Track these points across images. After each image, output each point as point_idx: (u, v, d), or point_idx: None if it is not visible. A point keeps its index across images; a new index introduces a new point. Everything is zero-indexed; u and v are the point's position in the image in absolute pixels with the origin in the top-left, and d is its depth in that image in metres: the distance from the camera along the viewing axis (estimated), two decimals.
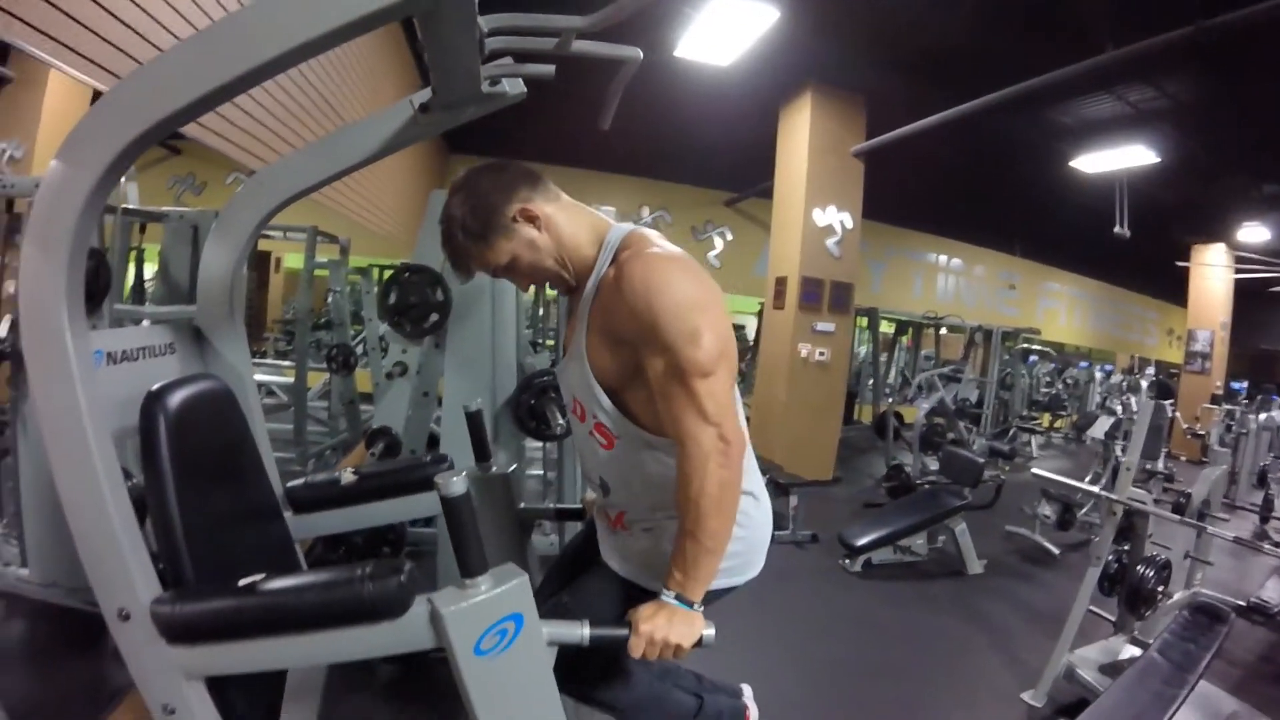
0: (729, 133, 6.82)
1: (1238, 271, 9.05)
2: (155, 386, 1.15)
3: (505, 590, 0.97)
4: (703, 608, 1.10)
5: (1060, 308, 11.53)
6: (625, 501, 1.26)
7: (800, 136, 5.96)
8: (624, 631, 1.07)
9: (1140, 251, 7.69)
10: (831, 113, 5.93)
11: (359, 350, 5.04)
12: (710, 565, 1.08)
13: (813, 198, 5.89)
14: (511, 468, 1.54)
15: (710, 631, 1.10)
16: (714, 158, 7.67)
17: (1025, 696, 2.76)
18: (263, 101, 2.58)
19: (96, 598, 1.04)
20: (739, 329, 13.16)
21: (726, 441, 1.05)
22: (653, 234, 1.19)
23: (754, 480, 1.28)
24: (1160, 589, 2.80)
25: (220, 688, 1.10)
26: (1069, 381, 9.19)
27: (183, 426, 1.13)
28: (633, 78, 1.32)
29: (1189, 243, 9.35)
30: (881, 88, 5.75)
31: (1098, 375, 8.87)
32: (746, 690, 1.70)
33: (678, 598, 1.08)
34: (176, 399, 1.15)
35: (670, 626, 1.06)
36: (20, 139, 4.12)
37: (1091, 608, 2.78)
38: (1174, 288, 10.10)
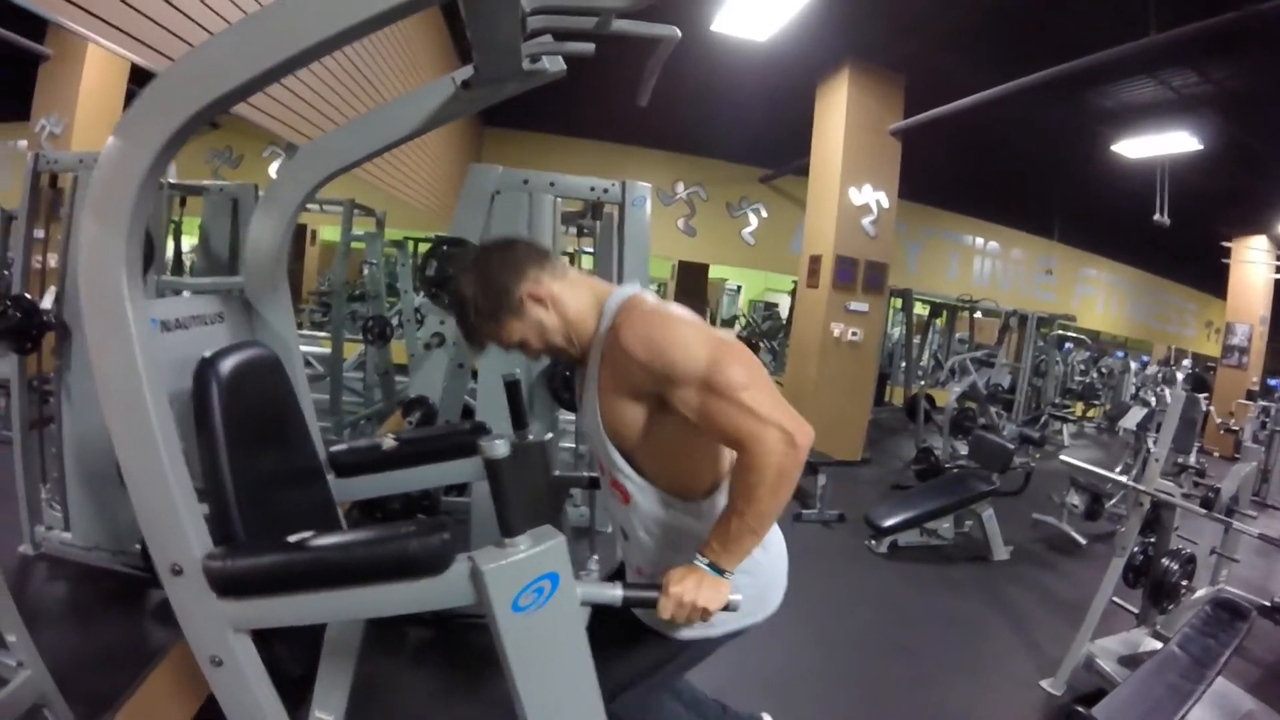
0: (765, 109, 6.75)
1: (1279, 268, 8.78)
2: (208, 353, 1.20)
3: (543, 550, 1.01)
4: (731, 576, 1.14)
5: (1098, 295, 11.26)
6: (641, 556, 1.32)
7: (837, 114, 5.88)
8: (654, 594, 1.11)
9: (1181, 240, 7.50)
10: (869, 90, 5.84)
11: (395, 322, 5.12)
12: (749, 543, 1.12)
13: (849, 176, 5.82)
14: (547, 436, 1.59)
15: (737, 597, 1.13)
16: (750, 134, 7.58)
17: (1044, 684, 2.78)
18: (302, 77, 2.62)
19: (150, 553, 1.09)
20: (772, 307, 13.06)
21: (789, 433, 1.07)
22: (648, 295, 1.24)
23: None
24: (1184, 583, 2.78)
25: (265, 640, 1.15)
26: (1104, 371, 9.00)
27: (233, 391, 1.18)
28: (669, 52, 1.33)
29: (1230, 233, 9.08)
30: (920, 66, 5.64)
31: (1133, 366, 8.67)
32: (766, 719, 1.77)
33: (710, 565, 1.12)
34: (228, 365, 1.20)
35: (699, 590, 1.10)
36: (59, 115, 4.22)
37: (1115, 599, 2.78)
38: (1214, 279, 9.81)
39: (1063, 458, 3.45)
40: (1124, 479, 3.05)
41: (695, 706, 1.57)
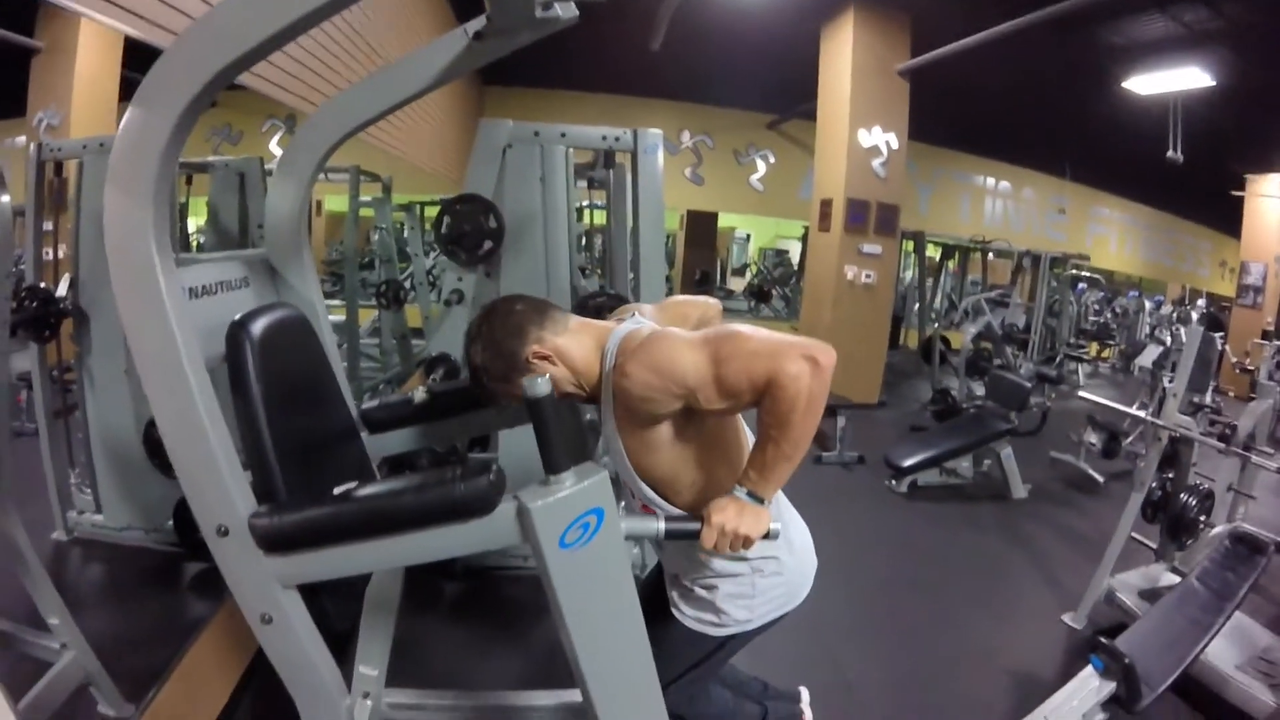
0: (770, 54, 6.60)
1: None
2: (238, 315, 1.21)
3: (588, 485, 1.03)
4: (771, 505, 1.17)
5: (1111, 234, 11.09)
6: (678, 565, 1.40)
7: (843, 56, 5.77)
8: (697, 525, 1.14)
9: (1194, 179, 7.35)
10: (875, 30, 5.72)
11: (407, 285, 5.13)
12: (785, 470, 1.15)
13: (857, 118, 5.75)
14: None
15: (777, 526, 1.17)
16: (755, 80, 7.46)
17: (1065, 618, 2.83)
18: (301, 43, 2.57)
19: (195, 517, 1.12)
20: (783, 254, 12.96)
21: (811, 357, 1.09)
22: (641, 326, 1.27)
23: (789, 524, 1.38)
24: (1202, 518, 2.80)
25: (312, 596, 1.19)
26: (1118, 311, 8.92)
27: (266, 352, 1.19)
28: None
29: (1245, 172, 8.88)
30: (926, 4, 5.50)
31: (1147, 305, 8.59)
32: (804, 694, 1.85)
33: (749, 494, 1.15)
34: (259, 326, 1.21)
35: (740, 519, 1.13)
36: (55, 107, 4.18)
37: (1134, 535, 2.80)
38: (1229, 218, 9.62)
39: (1081, 393, 3.46)
40: (1142, 414, 3.05)
41: (738, 688, 1.65)
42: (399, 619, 1.68)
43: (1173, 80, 5.66)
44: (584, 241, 5.51)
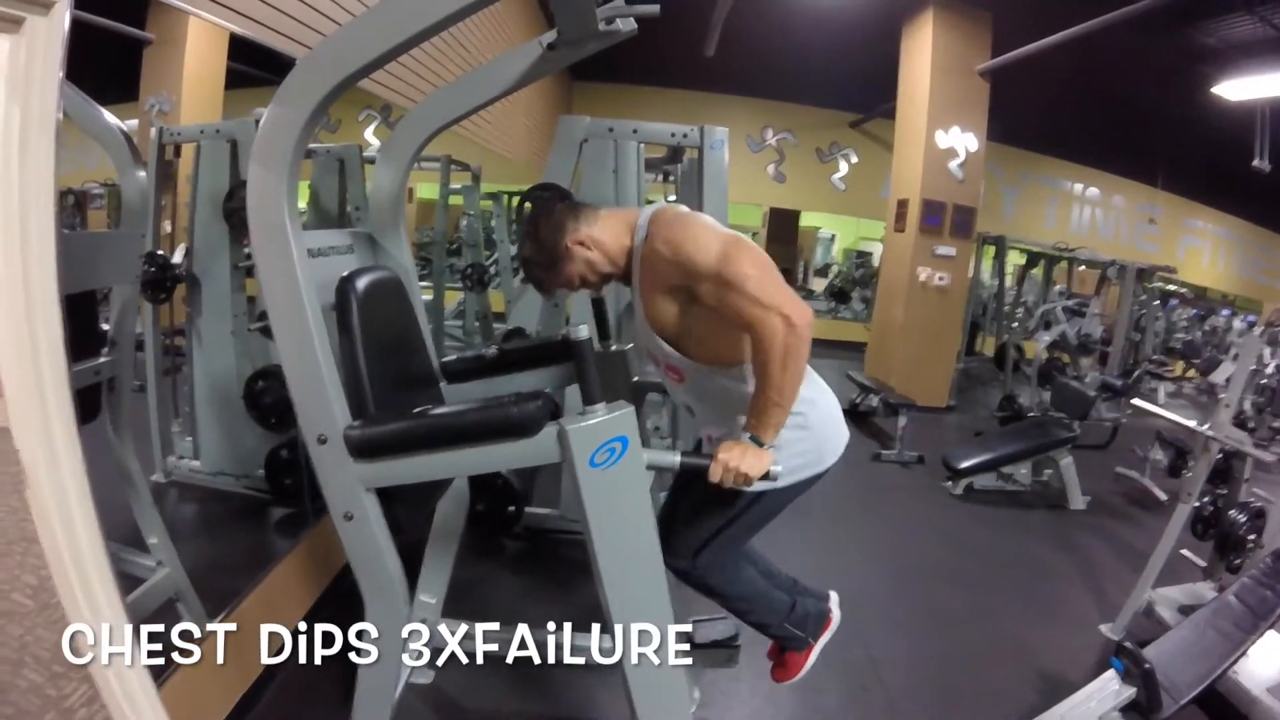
0: (852, 52, 6.61)
1: None
2: (346, 272, 1.47)
3: (616, 416, 1.25)
4: (772, 449, 1.36)
5: (1204, 247, 10.45)
6: (709, 418, 1.59)
7: (923, 55, 5.78)
8: (706, 461, 1.34)
9: None
10: (955, 29, 5.70)
11: (491, 270, 5.45)
12: (778, 415, 1.34)
13: (935, 118, 5.74)
14: (629, 346, 1.83)
15: (778, 468, 1.36)
16: (838, 78, 7.48)
17: (1103, 628, 2.79)
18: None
19: (301, 427, 1.36)
20: (865, 255, 12.79)
21: (787, 316, 1.27)
22: (677, 206, 1.49)
23: (810, 386, 1.52)
24: (1252, 537, 2.72)
25: (388, 502, 1.42)
26: (1208, 330, 8.47)
27: (367, 303, 1.44)
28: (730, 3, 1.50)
29: None
30: (1007, 3, 5.45)
31: (1236, 325, 8.12)
32: (833, 596, 1.94)
33: (751, 438, 1.35)
34: (363, 282, 1.47)
35: (743, 459, 1.32)
36: (167, 94, 4.59)
37: (1185, 552, 2.78)
38: None
39: (1136, 400, 3.42)
40: (1191, 424, 3.01)
41: (769, 576, 1.78)
42: (462, 567, 1.90)
43: (1263, 86, 5.41)
44: None
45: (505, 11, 4.69)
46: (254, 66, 2.83)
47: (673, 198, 4.03)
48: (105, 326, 1.87)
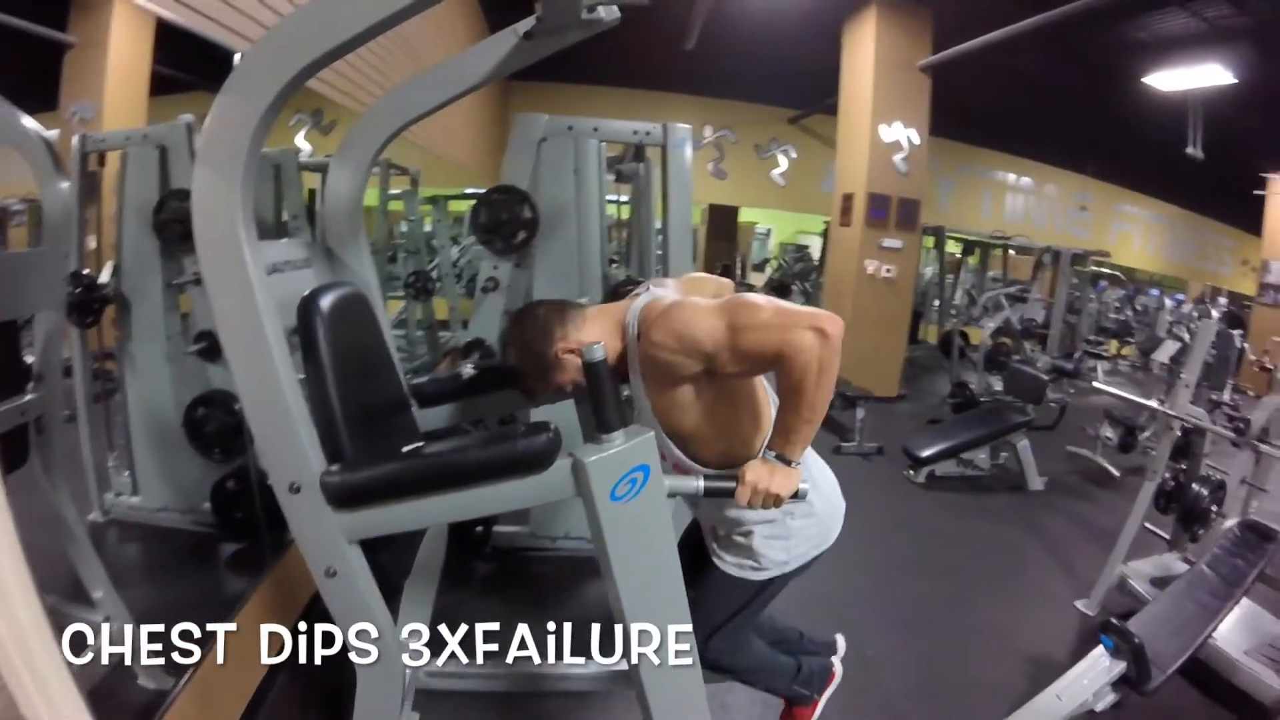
0: (792, 49, 6.63)
1: None
2: (308, 291, 1.32)
3: (637, 443, 1.14)
4: (799, 466, 1.27)
5: (1134, 232, 10.98)
6: (713, 518, 1.51)
7: (865, 51, 5.82)
8: (732, 484, 1.24)
9: (1217, 177, 7.33)
10: (897, 26, 5.76)
11: (434, 276, 5.25)
12: (808, 431, 1.25)
13: (879, 113, 5.79)
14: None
15: (806, 486, 1.27)
16: (777, 75, 7.48)
17: (1078, 604, 2.87)
18: None
19: (269, 476, 1.20)
20: (803, 249, 12.99)
21: (818, 329, 1.18)
22: (659, 294, 1.39)
23: (813, 465, 1.47)
24: (1214, 509, 2.82)
25: (371, 551, 1.27)
26: (1139, 309, 8.89)
27: (333, 324, 1.29)
28: None
29: (1266, 169, 8.81)
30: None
31: (1168, 304, 8.58)
32: (840, 646, 1.94)
33: (778, 456, 1.26)
34: (327, 301, 1.31)
35: (772, 479, 1.23)
36: (89, 100, 4.29)
37: (1147, 525, 2.84)
38: (1251, 216, 9.58)
39: (1097, 383, 3.51)
40: (1153, 404, 3.11)
41: (777, 638, 1.76)
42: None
43: (1194, 77, 5.66)
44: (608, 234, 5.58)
45: (453, 14, 4.51)
46: (181, 70, 2.60)
47: (626, 198, 3.94)
48: (29, 359, 1.66)
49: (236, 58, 1.84)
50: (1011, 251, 8.06)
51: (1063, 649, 2.61)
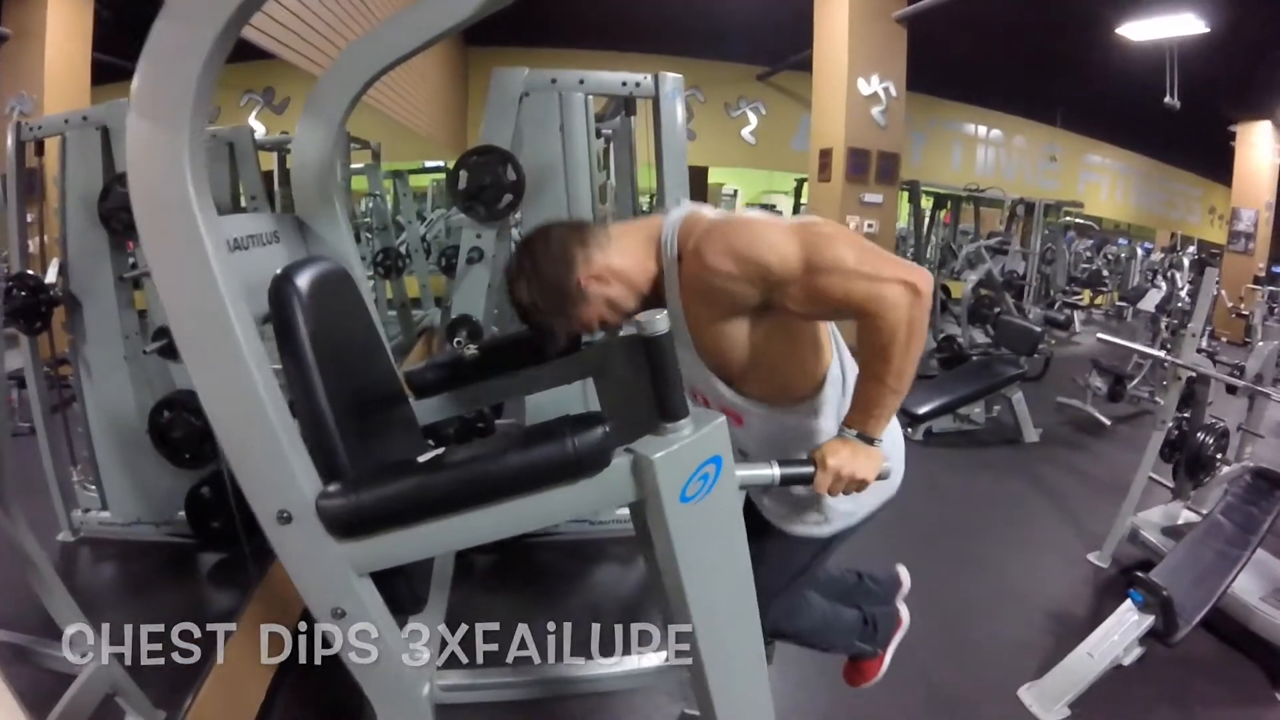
0: (759, 5, 6.45)
1: None
2: (281, 269, 1.08)
3: (708, 431, 0.94)
4: (882, 443, 1.11)
5: (1103, 182, 11.06)
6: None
7: (840, 3, 5.63)
8: (810, 469, 1.07)
9: (1185, 126, 7.35)
10: None
11: (402, 251, 5.01)
12: (893, 404, 1.09)
13: (856, 66, 5.62)
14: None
15: (888, 464, 1.12)
16: (744, 32, 7.28)
17: (1090, 557, 2.86)
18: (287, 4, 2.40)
19: (251, 504, 0.98)
20: (771, 208, 12.90)
21: (910, 283, 1.01)
22: (701, 210, 1.17)
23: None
24: (1219, 456, 2.84)
25: (384, 580, 1.07)
26: (1109, 258, 8.99)
27: (314, 309, 1.06)
28: None
29: (1236, 119, 8.91)
30: None
31: (1139, 252, 8.73)
32: (904, 579, 1.81)
33: (859, 435, 1.09)
34: (304, 280, 1.07)
35: (854, 461, 1.07)
36: (27, 93, 4.08)
37: (1152, 474, 2.82)
38: (1219, 165, 9.75)
39: (1099, 335, 3.48)
40: (1160, 353, 3.08)
41: (834, 591, 1.62)
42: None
43: (1167, 26, 5.60)
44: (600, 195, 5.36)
45: None
46: (121, 57, 2.33)
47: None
48: None
49: None
50: (988, 206, 8.03)
51: (1081, 603, 2.61)
